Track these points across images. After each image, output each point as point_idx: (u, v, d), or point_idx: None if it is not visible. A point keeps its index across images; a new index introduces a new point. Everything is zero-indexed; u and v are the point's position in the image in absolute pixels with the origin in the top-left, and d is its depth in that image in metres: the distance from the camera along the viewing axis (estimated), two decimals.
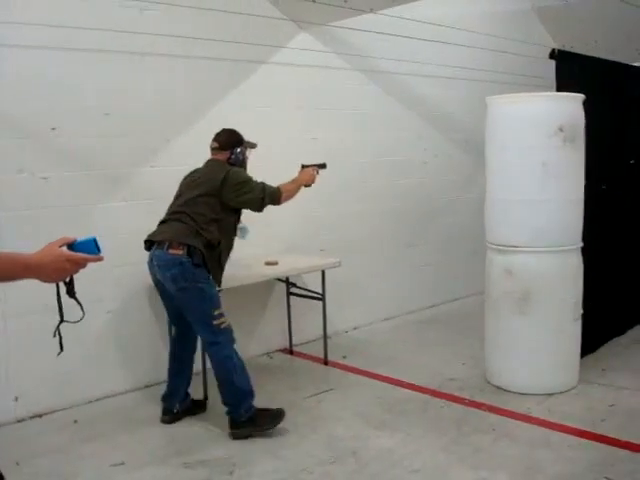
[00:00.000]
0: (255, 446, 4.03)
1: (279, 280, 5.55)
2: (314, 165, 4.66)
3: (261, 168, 5.53)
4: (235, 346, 4.13)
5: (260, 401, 4.25)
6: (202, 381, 4.70)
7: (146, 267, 4.22)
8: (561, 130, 4.43)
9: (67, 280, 1.89)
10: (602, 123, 5.31)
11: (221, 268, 4.20)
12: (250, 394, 4.14)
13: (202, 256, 3.98)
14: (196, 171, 4.34)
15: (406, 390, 4.87)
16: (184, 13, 5.00)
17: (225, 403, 4.15)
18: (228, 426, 4.14)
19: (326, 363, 5.49)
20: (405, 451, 3.92)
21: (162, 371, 5.10)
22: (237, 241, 4.96)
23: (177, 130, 5.09)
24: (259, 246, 5.45)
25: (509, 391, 4.74)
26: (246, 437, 4.08)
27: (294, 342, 5.91)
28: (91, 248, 1.83)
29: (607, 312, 5.67)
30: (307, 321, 5.83)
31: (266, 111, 5.60)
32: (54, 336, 2.02)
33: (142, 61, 4.87)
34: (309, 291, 5.51)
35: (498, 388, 4.82)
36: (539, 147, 4.45)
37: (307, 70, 5.83)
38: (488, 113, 4.71)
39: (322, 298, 5.40)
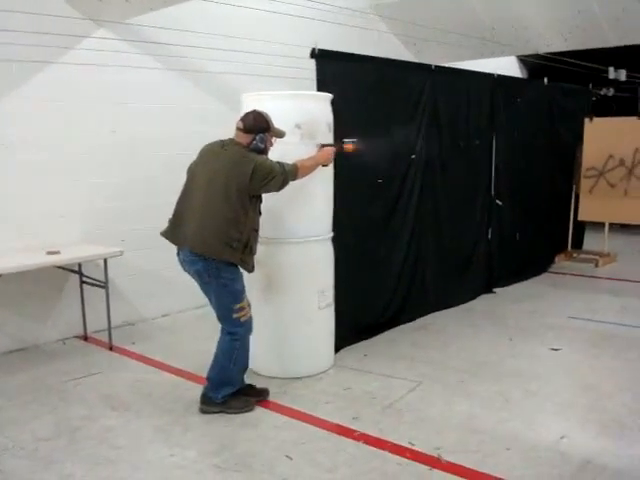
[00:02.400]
0: None
1: (66, 269, 5.70)
2: (333, 145, 4.68)
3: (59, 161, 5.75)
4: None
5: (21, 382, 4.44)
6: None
7: None
8: (298, 127, 4.64)
9: None
10: (371, 120, 5.58)
11: (252, 254, 4.26)
12: (234, 386, 4.35)
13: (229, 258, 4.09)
14: (215, 155, 4.21)
15: (168, 374, 5.07)
16: None
17: (208, 378, 4.36)
18: (200, 400, 4.38)
19: (111, 348, 5.67)
20: (122, 431, 4.12)
21: None
22: (32, 230, 5.15)
23: None
24: (53, 236, 5.67)
25: (261, 375, 4.97)
26: (215, 413, 4.31)
27: (97, 328, 6.06)
28: None
29: (388, 300, 5.96)
30: (111, 308, 5.98)
31: (60, 108, 5.73)
32: None
33: None
34: (93, 279, 5.69)
35: (253, 372, 5.04)
36: (278, 142, 4.64)
37: (105, 68, 5.94)
38: (242, 109, 4.91)
39: (105, 286, 5.58)
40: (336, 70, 5.21)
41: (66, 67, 5.72)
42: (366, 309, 5.71)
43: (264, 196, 4.29)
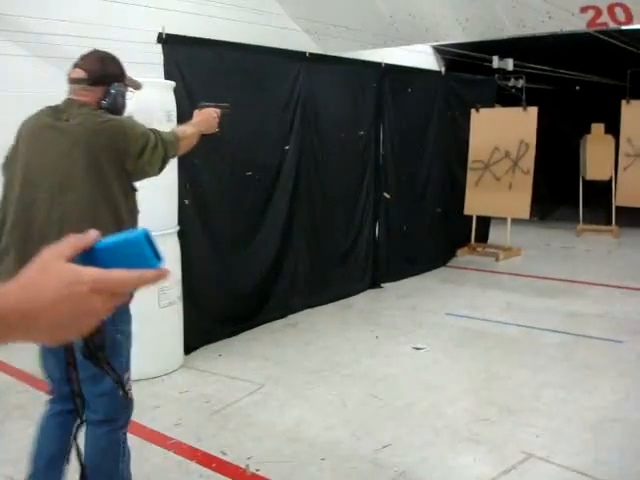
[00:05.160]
0: None
1: None
2: (214, 105, 3.36)
3: None
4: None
5: None
6: None
7: None
8: (130, 116, 4.39)
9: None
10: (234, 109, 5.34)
11: None
12: None
13: None
14: (53, 134, 2.67)
15: (3, 375, 4.82)
16: None
17: None
18: None
19: None
20: None
21: None
22: None
23: None
24: None
25: None
26: None
27: None
28: (141, 254, 0.85)
29: (256, 297, 5.76)
30: None
31: None
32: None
33: None
34: None
35: None
36: None
37: None
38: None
39: None
40: (189, 56, 4.99)
41: None
42: (230, 307, 5.49)
43: None
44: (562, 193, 11.52)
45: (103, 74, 2.77)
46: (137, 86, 3.07)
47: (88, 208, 2.59)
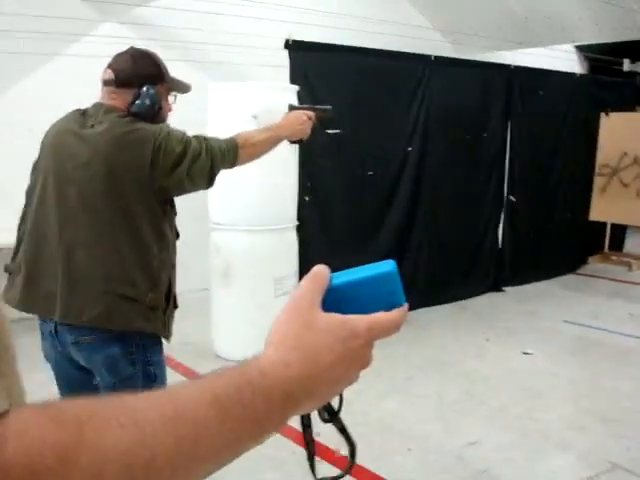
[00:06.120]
0: None
1: None
2: (309, 108, 2.94)
3: None
4: None
5: None
6: None
7: None
8: (255, 118, 4.74)
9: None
10: (356, 112, 5.60)
11: (175, 303, 2.50)
12: None
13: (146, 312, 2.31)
14: (76, 142, 2.36)
15: None
16: None
17: None
18: None
19: None
20: None
21: None
22: None
23: None
24: None
25: (221, 357, 5.15)
26: None
27: None
28: (390, 291, 0.77)
29: None
30: None
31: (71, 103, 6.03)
32: None
33: None
34: None
35: (216, 355, 5.24)
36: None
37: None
38: (209, 98, 5.08)
39: None
40: (314, 61, 5.29)
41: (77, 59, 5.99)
42: None
43: None
44: None
45: (133, 74, 2.42)
46: (183, 89, 2.63)
47: (103, 232, 2.30)
